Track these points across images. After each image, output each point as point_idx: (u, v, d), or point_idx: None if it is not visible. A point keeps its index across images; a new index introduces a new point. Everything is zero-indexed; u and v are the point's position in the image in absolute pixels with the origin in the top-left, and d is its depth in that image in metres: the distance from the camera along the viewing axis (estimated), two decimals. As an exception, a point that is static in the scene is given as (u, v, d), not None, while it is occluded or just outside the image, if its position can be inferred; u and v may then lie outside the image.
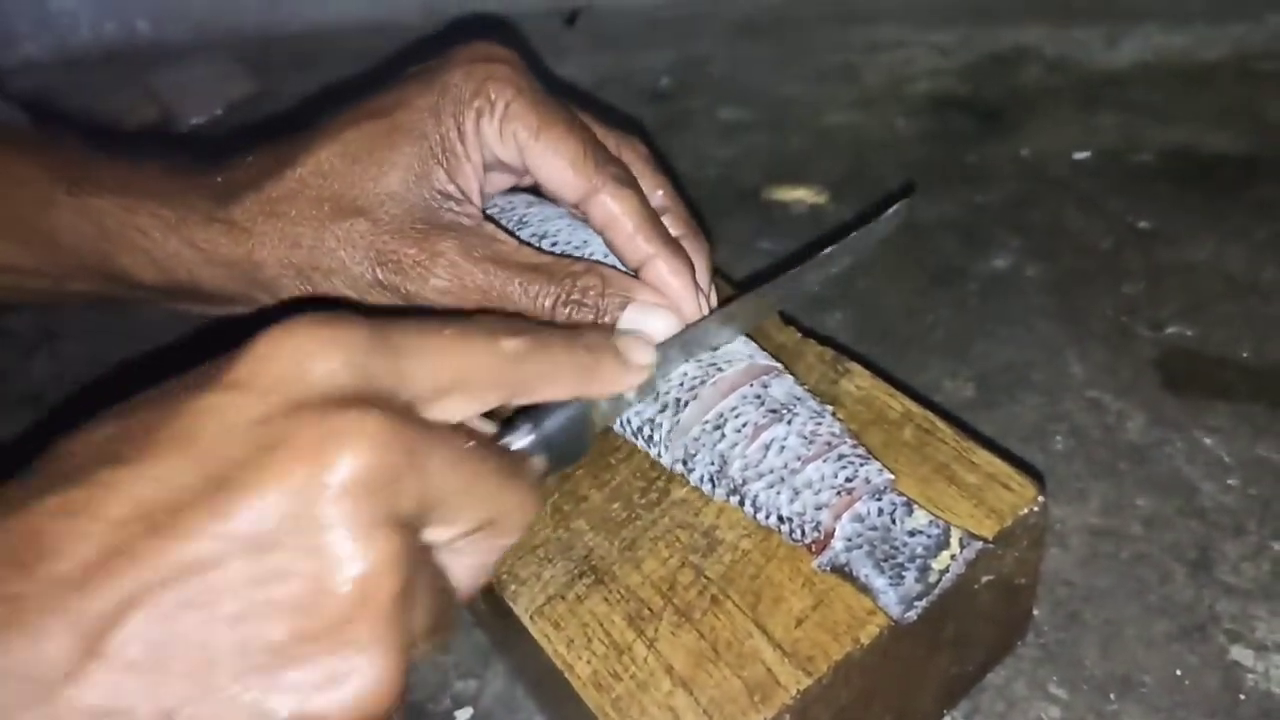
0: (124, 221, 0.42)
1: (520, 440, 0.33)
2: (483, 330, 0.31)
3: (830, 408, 0.40)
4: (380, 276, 0.40)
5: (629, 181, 0.41)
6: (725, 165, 0.79)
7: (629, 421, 0.41)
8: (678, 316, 0.40)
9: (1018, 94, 0.82)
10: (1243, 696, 0.42)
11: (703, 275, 0.42)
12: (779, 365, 0.41)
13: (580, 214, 0.42)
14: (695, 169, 0.78)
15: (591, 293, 0.39)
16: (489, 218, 0.42)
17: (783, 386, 0.40)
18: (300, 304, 0.32)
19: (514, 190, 0.48)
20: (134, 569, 0.23)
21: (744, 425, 0.38)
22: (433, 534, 0.28)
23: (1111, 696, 0.43)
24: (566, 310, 0.39)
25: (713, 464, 0.38)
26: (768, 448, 0.37)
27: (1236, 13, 0.86)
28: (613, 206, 0.40)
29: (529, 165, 0.41)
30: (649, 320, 0.39)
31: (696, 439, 0.38)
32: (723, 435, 0.38)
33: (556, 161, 0.40)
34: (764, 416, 0.38)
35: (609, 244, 0.42)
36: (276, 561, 0.24)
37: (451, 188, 0.41)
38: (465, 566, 0.30)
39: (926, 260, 0.67)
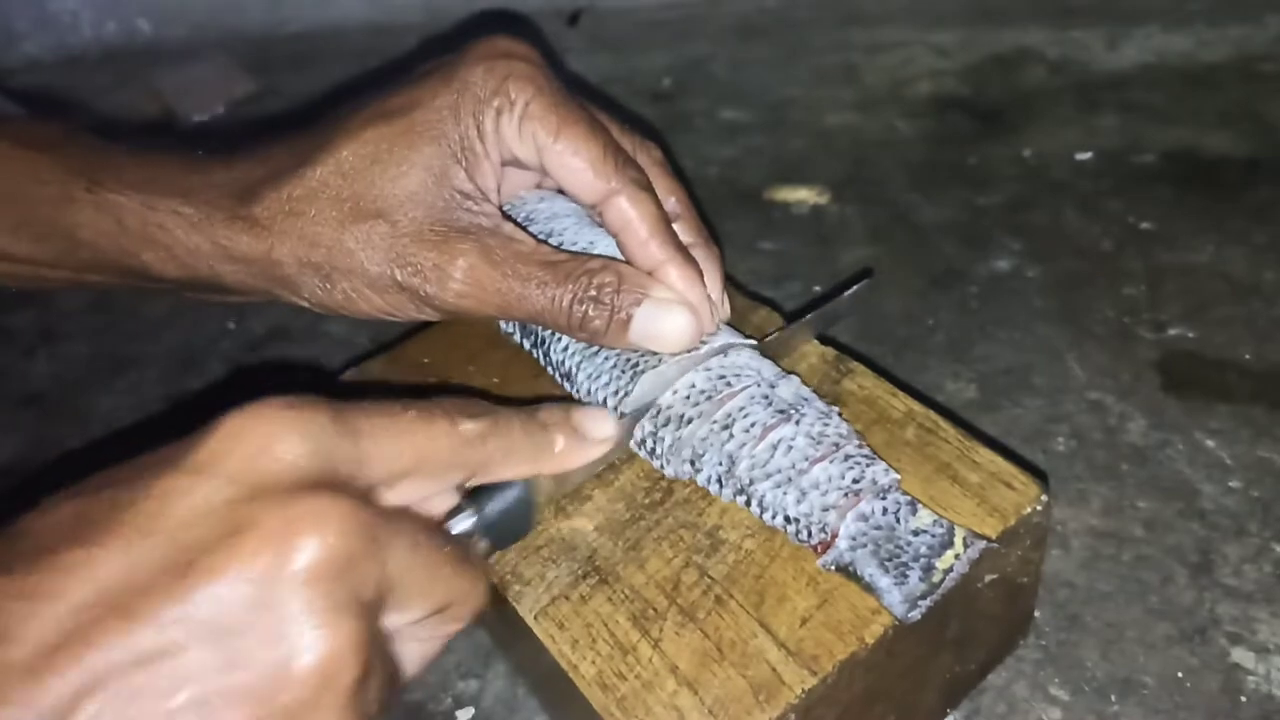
0: (144, 219, 0.41)
1: (463, 524, 0.33)
2: (443, 412, 0.32)
3: (837, 408, 0.40)
4: (399, 279, 0.39)
5: (646, 186, 0.41)
6: (726, 165, 0.79)
7: (632, 433, 0.41)
8: (692, 313, 0.40)
9: (1019, 95, 0.82)
10: (1244, 699, 0.42)
11: (715, 284, 0.42)
12: (789, 377, 0.41)
13: (596, 215, 0.42)
14: (697, 169, 0.79)
15: (607, 290, 0.39)
16: (507, 216, 0.42)
17: (790, 387, 0.40)
18: (262, 381, 0.32)
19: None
20: (93, 654, 0.23)
21: (752, 425, 0.38)
22: (389, 619, 0.28)
23: (1112, 698, 0.43)
24: (583, 308, 0.39)
25: (720, 464, 0.38)
26: (775, 448, 0.37)
27: (1237, 15, 0.86)
28: (629, 211, 0.40)
29: (547, 166, 0.41)
30: (665, 317, 0.39)
31: (704, 439, 0.38)
32: (731, 435, 0.38)
33: (575, 163, 0.40)
34: (772, 417, 0.38)
35: (623, 248, 0.41)
36: (238, 648, 0.24)
37: (470, 187, 0.41)
38: (414, 651, 0.31)
39: (927, 262, 0.67)
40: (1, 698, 0.23)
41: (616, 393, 0.40)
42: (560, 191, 0.46)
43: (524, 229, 0.42)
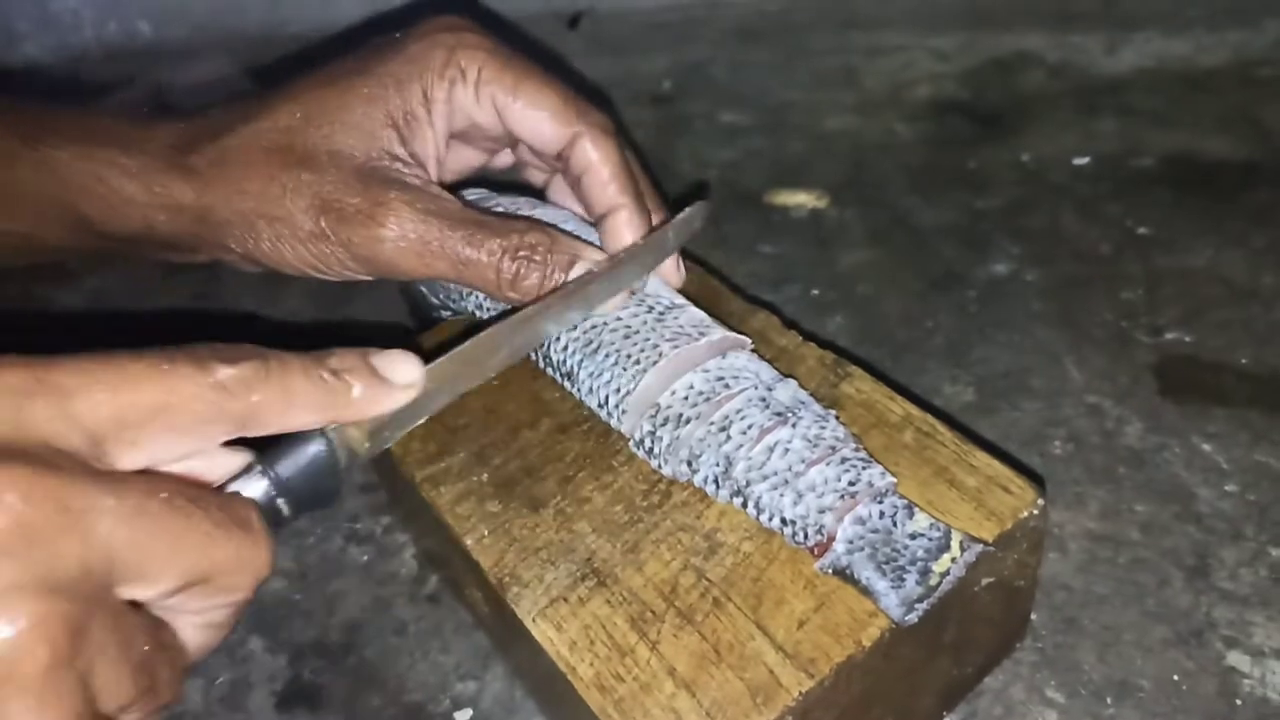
0: (82, 170, 0.42)
1: (251, 486, 0.30)
2: (190, 359, 0.29)
3: (834, 412, 0.40)
4: (324, 225, 0.40)
5: (609, 130, 0.42)
6: (726, 168, 0.79)
7: (632, 432, 0.41)
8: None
9: (1018, 99, 0.82)
10: (1239, 702, 0.42)
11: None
12: (787, 380, 0.41)
13: (559, 166, 0.43)
14: (696, 172, 0.79)
15: (540, 249, 0.40)
16: (444, 185, 0.43)
17: (787, 390, 0.40)
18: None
19: (519, 193, 0.49)
20: None
21: (749, 427, 0.38)
22: (129, 592, 0.26)
23: (1109, 701, 0.43)
24: (514, 266, 0.40)
25: (717, 465, 0.38)
26: (772, 450, 0.37)
27: (1236, 20, 0.87)
28: (591, 153, 0.42)
29: (509, 123, 0.42)
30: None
31: (702, 439, 0.38)
32: (728, 437, 0.38)
33: (537, 114, 0.42)
34: (769, 419, 0.38)
35: (584, 191, 0.43)
36: None
37: (402, 151, 0.42)
38: (192, 625, 0.29)
39: (926, 266, 0.67)
40: None
41: (619, 390, 0.40)
42: (524, 189, 0.47)
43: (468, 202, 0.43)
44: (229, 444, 0.30)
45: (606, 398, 0.41)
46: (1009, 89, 0.84)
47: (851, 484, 0.36)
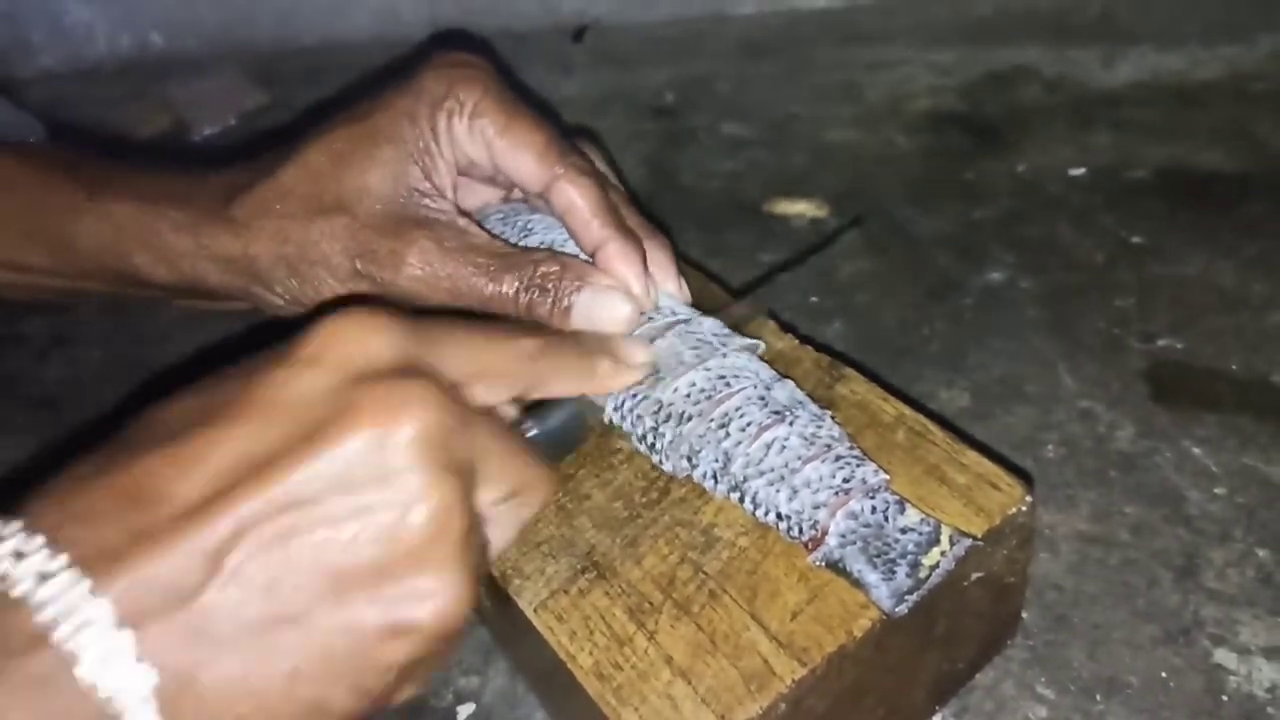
0: (139, 223, 0.45)
1: (529, 432, 0.38)
2: (505, 330, 0.36)
3: (829, 411, 0.41)
4: (359, 267, 0.43)
5: (588, 171, 0.44)
6: (728, 179, 0.80)
7: (634, 427, 0.42)
8: (630, 300, 0.43)
9: (1015, 112, 0.83)
10: (1225, 698, 0.43)
11: (667, 266, 0.45)
12: (785, 380, 0.42)
13: (544, 205, 0.45)
14: (698, 183, 0.80)
15: (551, 278, 0.42)
16: (464, 213, 0.45)
17: (785, 390, 0.41)
18: (343, 301, 0.35)
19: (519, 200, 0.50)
20: (240, 504, 0.27)
21: (748, 425, 0.39)
22: (479, 492, 0.31)
23: (1098, 697, 0.44)
24: (529, 296, 0.42)
25: (716, 460, 0.39)
26: (769, 447, 0.38)
27: (1229, 35, 0.88)
28: (572, 193, 0.43)
29: (496, 159, 0.44)
30: (603, 303, 0.42)
31: (702, 436, 0.39)
32: (727, 434, 0.39)
33: (522, 154, 0.44)
34: (767, 417, 0.39)
35: (569, 230, 0.44)
36: (362, 500, 0.28)
37: (426, 185, 0.44)
38: (494, 533, 0.34)
39: (923, 274, 0.68)
40: (173, 537, 0.26)
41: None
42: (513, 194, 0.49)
43: (493, 234, 0.45)
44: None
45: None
46: (1006, 102, 0.85)
47: (845, 480, 0.37)
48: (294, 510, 0.27)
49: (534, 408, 0.39)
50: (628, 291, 0.43)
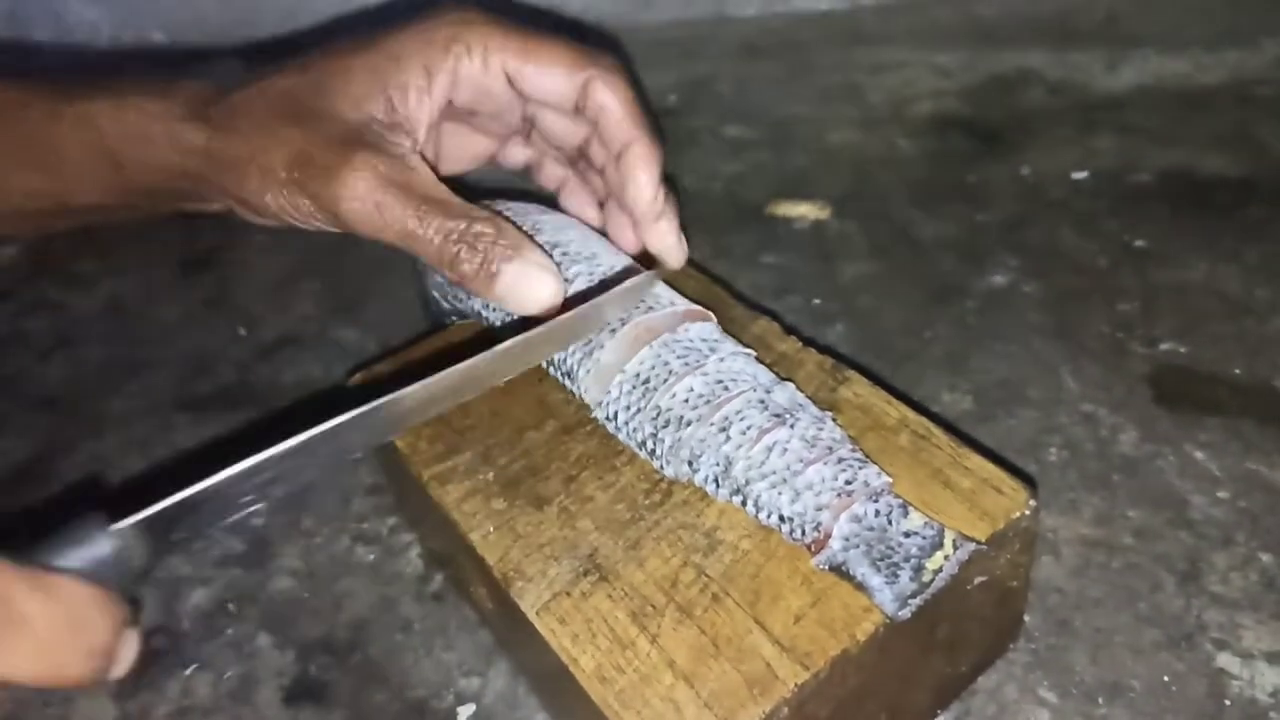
0: (115, 117, 0.46)
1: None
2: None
3: (830, 414, 0.41)
4: (295, 175, 0.43)
5: (620, 69, 0.45)
6: (730, 181, 0.80)
7: (633, 434, 0.42)
8: (634, 196, 0.44)
9: (1018, 115, 0.83)
10: (1228, 703, 0.43)
11: (673, 224, 0.47)
12: (785, 383, 0.42)
13: (578, 113, 0.46)
14: (701, 184, 0.80)
15: (484, 239, 0.42)
16: (425, 159, 0.45)
17: (785, 393, 0.41)
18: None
19: (527, 200, 0.50)
20: None
21: (749, 428, 0.39)
22: None
23: (1100, 701, 0.44)
24: (456, 249, 0.42)
25: (718, 464, 0.39)
26: (770, 450, 0.38)
27: (1233, 39, 0.88)
28: (605, 94, 0.44)
29: (522, 87, 0.45)
30: (531, 279, 0.42)
31: (702, 440, 0.39)
32: (728, 437, 0.39)
33: (550, 71, 0.45)
34: (768, 420, 0.39)
35: (599, 130, 0.45)
36: None
37: (389, 119, 0.44)
38: None
39: (925, 277, 0.68)
40: None
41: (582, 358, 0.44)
42: (530, 196, 0.50)
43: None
44: None
45: (572, 368, 0.43)
46: (1010, 105, 0.85)
47: (848, 483, 0.37)
48: None
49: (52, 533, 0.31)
50: (559, 277, 0.42)
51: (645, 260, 0.48)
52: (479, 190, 0.51)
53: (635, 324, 0.43)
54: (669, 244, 0.48)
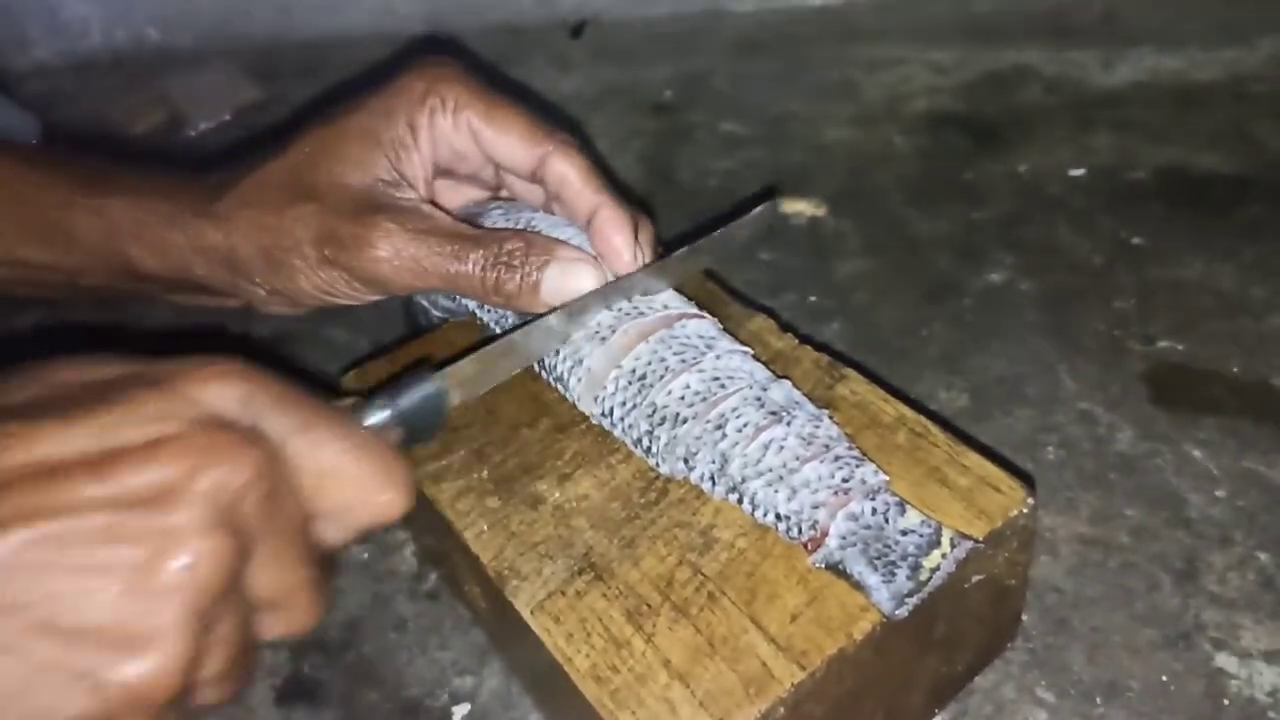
0: (131, 217, 0.47)
1: (375, 416, 0.35)
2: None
3: (827, 411, 0.41)
4: (326, 253, 0.44)
5: (575, 145, 0.46)
6: (726, 177, 0.80)
7: (628, 430, 0.42)
8: (612, 265, 0.44)
9: (1015, 113, 0.83)
10: (1226, 702, 0.43)
11: (645, 234, 0.46)
12: (781, 381, 0.42)
13: (535, 183, 0.46)
14: (696, 181, 0.80)
15: (518, 254, 0.43)
16: (435, 205, 0.46)
17: (781, 390, 0.41)
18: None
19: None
20: (9, 499, 0.26)
21: (745, 425, 0.39)
22: (244, 578, 0.30)
23: (1098, 701, 0.44)
24: (495, 273, 0.43)
25: (713, 462, 0.39)
26: (767, 447, 0.38)
27: (1229, 37, 0.88)
28: (563, 165, 0.45)
29: (484, 146, 0.46)
30: (572, 274, 0.43)
31: (698, 438, 0.39)
32: (724, 435, 0.39)
33: (509, 137, 0.45)
34: (764, 418, 0.39)
35: (562, 202, 0.46)
36: (129, 526, 0.27)
37: (394, 175, 0.45)
38: (230, 631, 0.32)
39: (922, 275, 0.68)
40: None
41: (575, 365, 0.43)
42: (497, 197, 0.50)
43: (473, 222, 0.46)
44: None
45: (563, 374, 0.43)
46: (1006, 102, 0.85)
47: (845, 481, 0.37)
48: (60, 518, 0.27)
49: (388, 384, 0.37)
50: (613, 253, 0.44)
51: None
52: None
53: (625, 330, 0.43)
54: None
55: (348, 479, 0.32)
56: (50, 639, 0.26)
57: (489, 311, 0.47)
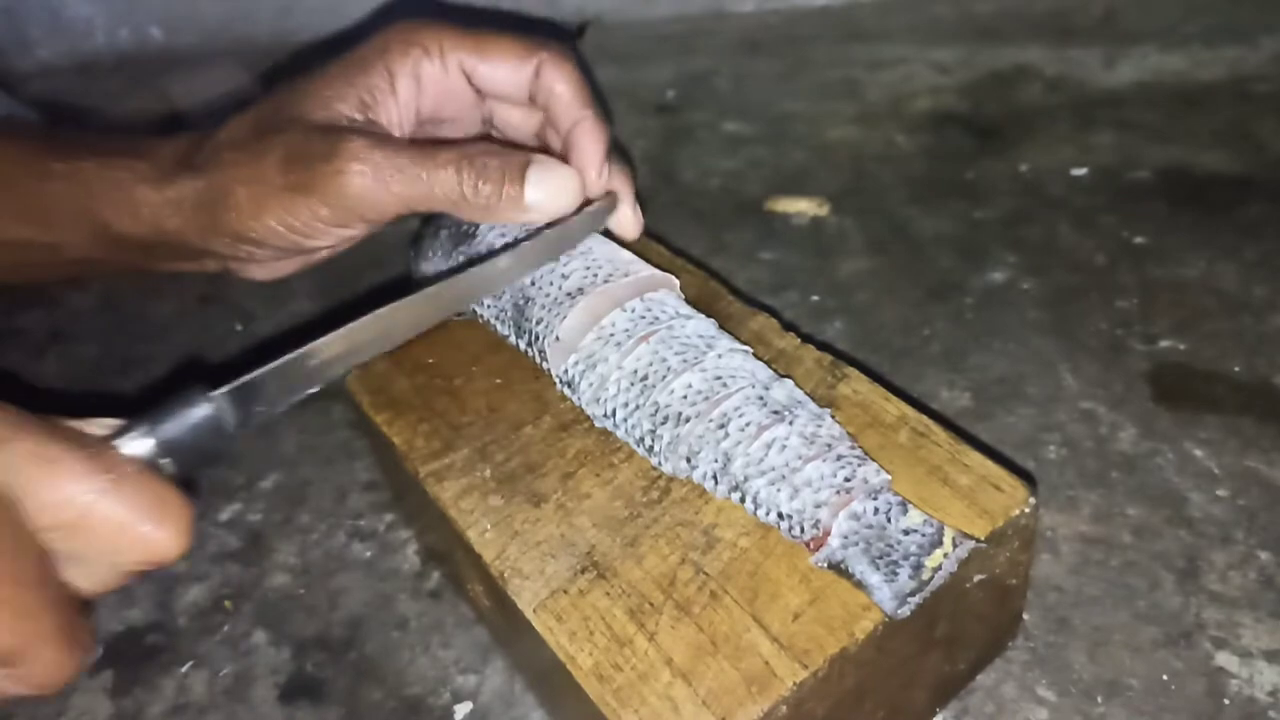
0: (104, 177, 0.47)
1: (135, 445, 0.32)
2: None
3: (829, 410, 0.41)
4: (292, 177, 0.43)
5: (567, 55, 0.47)
6: (728, 177, 0.80)
7: (631, 430, 0.42)
8: (582, 173, 0.45)
9: (1016, 112, 0.83)
10: (1226, 702, 0.43)
11: (620, 176, 0.48)
12: (783, 380, 0.42)
13: (530, 104, 0.47)
14: (699, 180, 0.80)
15: (492, 152, 0.43)
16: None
17: (784, 390, 0.41)
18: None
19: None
20: None
21: (747, 424, 0.39)
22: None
23: (1098, 700, 0.44)
24: (472, 180, 0.43)
25: (716, 461, 0.39)
26: (769, 446, 0.38)
27: (1232, 36, 0.88)
28: (553, 76, 0.46)
29: (479, 80, 0.47)
30: (555, 179, 0.44)
31: (701, 437, 0.39)
32: (726, 434, 0.39)
33: (502, 62, 0.46)
34: (767, 417, 0.39)
35: (550, 113, 0.47)
36: None
37: (361, 116, 0.45)
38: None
39: (924, 274, 0.68)
40: None
41: (547, 328, 0.44)
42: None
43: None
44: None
45: (536, 336, 0.44)
46: (1008, 102, 0.85)
47: (847, 480, 0.37)
48: None
49: (151, 406, 0.33)
50: (588, 166, 0.45)
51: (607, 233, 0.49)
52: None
53: (598, 293, 0.44)
54: (622, 215, 0.49)
55: (102, 517, 0.30)
56: None
57: (488, 308, 0.47)
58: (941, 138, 0.82)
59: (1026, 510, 0.38)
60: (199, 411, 0.33)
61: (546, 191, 0.43)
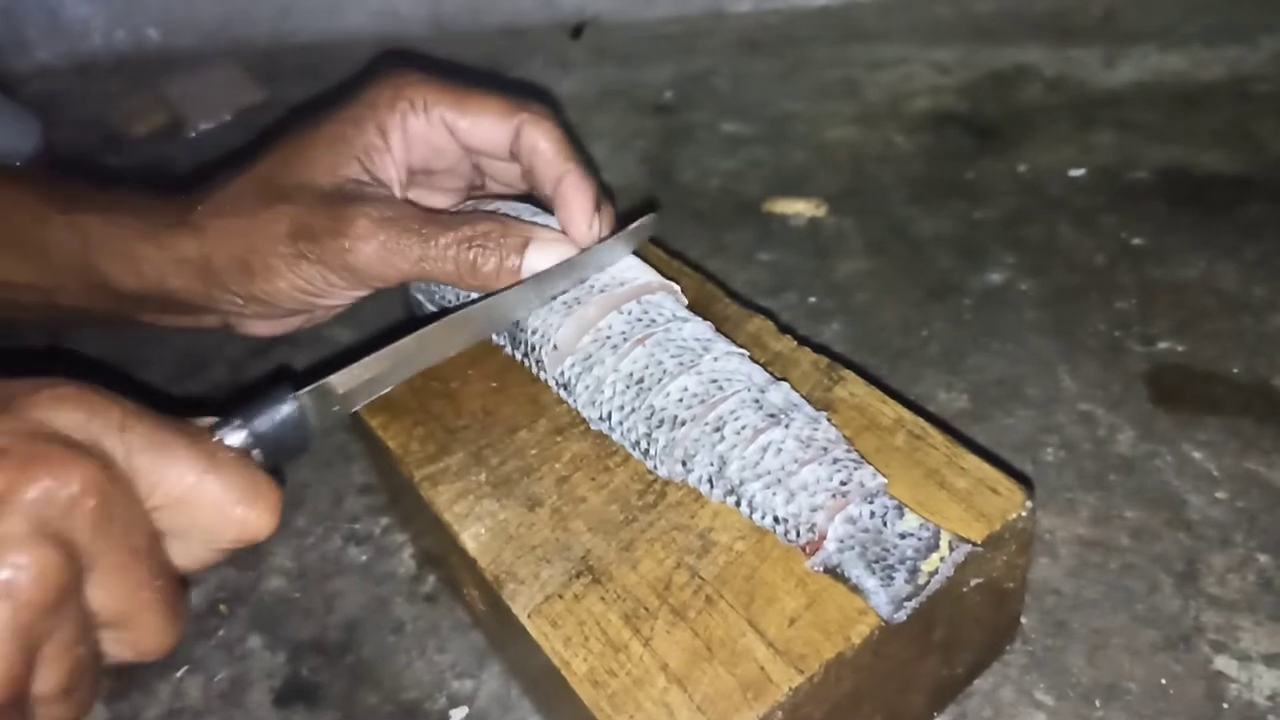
0: (105, 232, 0.47)
1: (233, 436, 0.36)
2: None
3: (825, 414, 0.40)
4: (301, 247, 0.44)
5: (547, 114, 0.47)
6: (727, 177, 0.80)
7: (627, 434, 0.41)
8: (570, 230, 0.45)
9: (1016, 112, 0.83)
10: (1225, 706, 0.43)
11: (606, 215, 0.48)
12: (779, 383, 0.42)
13: (512, 159, 0.48)
14: (697, 181, 0.80)
15: (493, 235, 0.44)
16: (409, 201, 0.47)
17: (780, 393, 0.41)
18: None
19: (513, 199, 0.50)
20: None
21: (743, 428, 0.38)
22: (82, 594, 0.30)
23: (1097, 704, 0.44)
24: (471, 255, 0.44)
25: (712, 464, 0.38)
26: (765, 450, 0.38)
27: (1232, 36, 0.88)
28: (535, 135, 0.46)
29: (461, 135, 0.47)
30: (550, 252, 0.44)
31: (696, 440, 0.39)
32: (722, 437, 0.39)
33: (483, 119, 0.46)
34: (763, 420, 0.39)
35: (534, 171, 0.47)
36: None
37: (366, 177, 0.46)
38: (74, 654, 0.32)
39: (923, 274, 0.68)
40: None
41: (545, 337, 0.44)
42: (532, 200, 0.51)
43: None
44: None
45: (533, 347, 0.44)
46: (1007, 102, 0.84)
47: (843, 484, 0.37)
48: None
49: (245, 403, 0.37)
50: (577, 221, 0.45)
51: None
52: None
53: (594, 301, 0.44)
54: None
55: (205, 497, 0.33)
56: None
57: (514, 344, 0.47)
58: (941, 138, 0.81)
59: (1024, 513, 0.38)
60: (286, 408, 0.37)
61: (544, 263, 0.44)
